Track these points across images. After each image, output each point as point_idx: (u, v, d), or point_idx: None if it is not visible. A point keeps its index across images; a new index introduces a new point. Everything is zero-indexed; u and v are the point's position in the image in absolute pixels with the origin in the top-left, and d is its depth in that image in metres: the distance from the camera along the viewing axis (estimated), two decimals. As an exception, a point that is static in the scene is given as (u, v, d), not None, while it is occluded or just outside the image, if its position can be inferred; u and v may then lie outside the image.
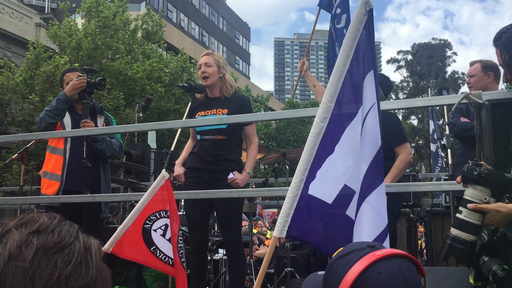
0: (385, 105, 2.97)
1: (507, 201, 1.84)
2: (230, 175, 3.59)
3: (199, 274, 3.75)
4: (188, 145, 3.96)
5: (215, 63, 3.76)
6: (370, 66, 2.08)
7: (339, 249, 1.29)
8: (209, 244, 4.73)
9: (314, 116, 2.15)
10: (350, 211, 2.01)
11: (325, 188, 2.05)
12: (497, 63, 2.35)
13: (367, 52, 2.09)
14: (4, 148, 17.85)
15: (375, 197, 1.94)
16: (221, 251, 5.77)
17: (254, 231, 11.37)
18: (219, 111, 3.73)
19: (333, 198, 2.03)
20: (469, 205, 1.85)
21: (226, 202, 3.60)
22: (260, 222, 14.01)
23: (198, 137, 3.81)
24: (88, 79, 3.87)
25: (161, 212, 2.82)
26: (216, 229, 5.94)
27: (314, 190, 2.06)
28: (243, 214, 4.20)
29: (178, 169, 3.79)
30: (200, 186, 3.64)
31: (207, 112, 3.78)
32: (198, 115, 3.81)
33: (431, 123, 8.51)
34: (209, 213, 3.91)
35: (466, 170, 1.92)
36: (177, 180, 3.86)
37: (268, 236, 11.42)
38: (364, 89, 2.07)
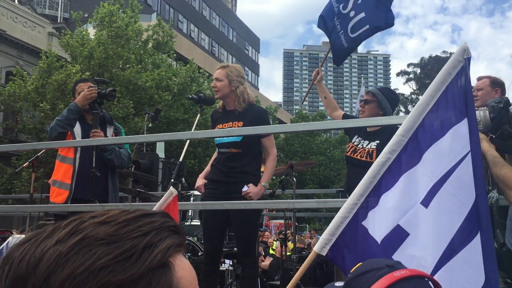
0: (391, 119, 3.00)
1: None
2: (245, 188, 3.59)
3: (208, 284, 3.75)
4: (213, 158, 4.00)
5: (225, 76, 3.74)
6: (463, 115, 1.98)
7: (357, 265, 1.28)
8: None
9: (324, 129, 2.12)
10: (399, 256, 1.89)
11: (376, 225, 1.98)
12: (504, 80, 2.39)
13: (460, 99, 2.00)
14: (14, 155, 18.03)
15: (469, 251, 1.81)
16: (227, 261, 5.77)
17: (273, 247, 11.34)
18: (235, 124, 3.74)
19: (382, 237, 1.95)
20: None
21: (243, 214, 3.60)
22: (266, 233, 13.98)
23: (217, 149, 3.85)
24: (98, 90, 3.93)
25: None
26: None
27: (368, 223, 1.99)
28: None
29: (199, 181, 3.84)
30: (217, 197, 3.65)
31: (224, 125, 3.80)
32: (217, 127, 3.85)
33: None
34: (225, 224, 3.89)
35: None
36: (198, 191, 3.91)
37: (274, 247, 11.37)
38: (452, 139, 1.97)
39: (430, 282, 1.19)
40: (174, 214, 2.83)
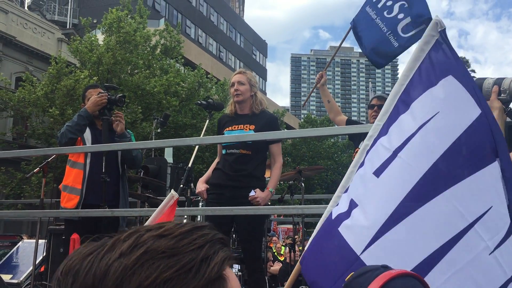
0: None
1: None
2: (252, 193, 3.58)
3: None
4: (214, 163, 3.98)
5: (247, 81, 3.82)
6: (439, 78, 1.87)
7: (351, 274, 1.35)
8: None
9: (332, 135, 2.11)
10: (343, 228, 1.85)
11: (339, 204, 1.97)
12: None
13: (440, 70, 1.89)
14: (23, 160, 18.16)
15: (425, 211, 1.70)
16: (235, 266, 5.77)
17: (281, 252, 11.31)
18: (246, 126, 3.75)
19: (337, 213, 1.92)
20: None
21: (248, 219, 3.59)
22: (274, 238, 13.93)
23: (223, 151, 3.81)
24: (108, 96, 3.96)
25: None
26: (230, 244, 5.94)
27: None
28: None
29: (201, 186, 3.79)
30: (222, 203, 3.63)
31: (234, 127, 3.80)
32: (225, 130, 3.84)
33: None
34: (230, 229, 3.90)
35: None
36: (200, 196, 3.89)
37: (282, 252, 11.34)
38: (416, 107, 1.88)
39: (420, 283, 1.26)
40: (170, 218, 2.82)
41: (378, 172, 1.86)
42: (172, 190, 2.99)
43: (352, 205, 1.87)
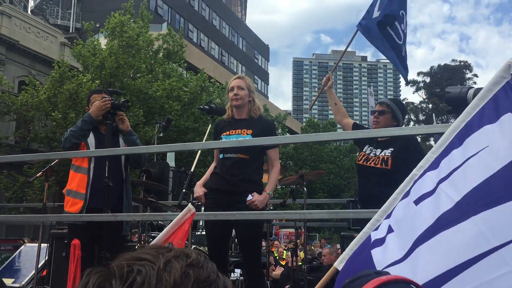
0: (403, 130, 3.01)
1: None
2: (249, 197, 3.59)
3: None
4: (212, 167, 3.99)
5: (246, 87, 3.87)
6: (496, 118, 1.85)
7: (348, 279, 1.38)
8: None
9: (334, 140, 2.09)
10: (376, 251, 1.88)
11: (378, 229, 1.99)
12: None
13: (503, 111, 1.85)
14: (26, 164, 18.20)
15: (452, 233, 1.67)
16: (237, 271, 5.77)
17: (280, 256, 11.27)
18: (244, 131, 3.77)
19: (375, 238, 1.94)
20: None
21: (246, 223, 3.60)
22: (276, 242, 13.91)
23: (220, 155, 3.82)
24: (112, 101, 3.97)
25: None
26: (233, 249, 5.95)
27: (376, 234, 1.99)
28: None
29: (199, 190, 3.80)
30: (220, 207, 3.65)
31: (232, 132, 3.82)
32: (223, 135, 3.86)
33: None
34: (229, 233, 3.91)
35: None
36: (198, 200, 3.89)
37: (284, 256, 11.33)
38: (469, 142, 1.87)
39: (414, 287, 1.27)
40: (186, 234, 2.82)
41: (418, 201, 1.88)
42: (190, 204, 2.98)
43: (389, 230, 1.90)
